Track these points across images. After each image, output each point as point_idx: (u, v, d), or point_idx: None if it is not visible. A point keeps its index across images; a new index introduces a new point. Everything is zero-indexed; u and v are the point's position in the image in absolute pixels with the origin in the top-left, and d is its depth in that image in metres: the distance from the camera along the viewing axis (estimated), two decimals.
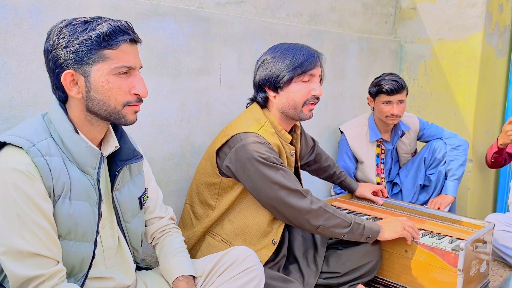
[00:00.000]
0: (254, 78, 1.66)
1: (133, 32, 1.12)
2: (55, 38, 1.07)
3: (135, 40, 1.12)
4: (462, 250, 1.59)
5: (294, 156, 1.70)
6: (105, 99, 1.09)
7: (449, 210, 2.36)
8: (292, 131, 1.75)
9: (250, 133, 1.54)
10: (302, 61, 1.56)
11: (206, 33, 1.92)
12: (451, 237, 1.76)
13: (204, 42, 1.92)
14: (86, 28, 1.06)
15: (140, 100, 1.14)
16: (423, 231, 1.81)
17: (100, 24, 1.07)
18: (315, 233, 1.59)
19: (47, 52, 1.09)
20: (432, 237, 1.75)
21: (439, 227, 1.89)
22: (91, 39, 1.05)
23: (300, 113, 1.61)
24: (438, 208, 2.27)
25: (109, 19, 1.10)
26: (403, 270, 1.76)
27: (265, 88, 1.62)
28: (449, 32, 2.90)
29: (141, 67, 1.16)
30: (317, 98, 1.62)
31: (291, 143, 1.72)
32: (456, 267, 1.61)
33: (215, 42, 1.97)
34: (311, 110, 1.63)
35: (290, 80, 1.57)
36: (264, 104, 1.66)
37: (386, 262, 1.80)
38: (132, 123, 1.16)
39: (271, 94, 1.62)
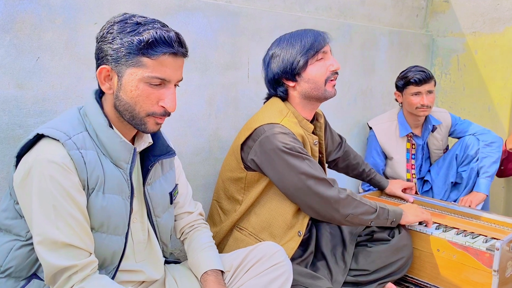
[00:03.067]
0: (267, 75, 1.64)
1: (180, 45, 1.09)
2: (105, 30, 1.08)
3: (180, 53, 1.10)
4: (498, 250, 1.54)
5: (317, 145, 1.68)
6: (131, 103, 1.09)
7: (482, 209, 2.29)
8: (314, 120, 1.73)
9: (273, 124, 1.54)
10: (312, 42, 1.55)
11: (234, 28, 1.92)
12: (485, 236, 1.71)
13: (232, 37, 1.91)
14: (134, 30, 1.06)
15: (165, 113, 1.12)
16: (456, 230, 1.76)
17: (147, 30, 1.05)
18: (344, 223, 1.58)
19: (96, 40, 1.11)
20: (465, 236, 1.70)
21: (472, 225, 1.83)
22: (132, 43, 1.05)
23: (325, 92, 1.59)
24: (469, 206, 2.20)
25: (162, 26, 1.08)
26: (434, 269, 1.72)
27: (282, 80, 1.61)
28: (484, 25, 2.81)
29: (180, 80, 1.14)
30: (337, 73, 1.61)
31: (314, 132, 1.70)
32: (491, 267, 1.56)
33: (243, 36, 1.96)
34: (334, 85, 1.62)
35: (305, 64, 1.56)
36: (284, 97, 1.64)
37: (417, 261, 1.76)
38: (151, 133, 1.16)
39: (290, 84, 1.60)
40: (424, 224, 1.78)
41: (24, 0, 1.33)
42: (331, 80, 1.59)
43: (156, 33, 1.05)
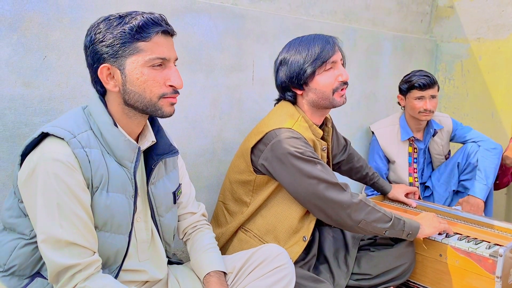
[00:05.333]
0: (276, 80, 1.64)
1: (167, 24, 1.12)
2: (92, 34, 1.09)
3: (169, 32, 1.13)
4: (501, 256, 1.53)
5: (325, 151, 1.68)
6: (141, 91, 1.10)
7: (485, 215, 2.28)
8: (323, 125, 1.73)
9: (284, 129, 1.53)
10: (319, 51, 1.53)
11: (240, 30, 1.92)
12: (489, 242, 1.70)
13: (237, 39, 1.92)
14: (120, 22, 1.08)
15: (176, 91, 1.14)
16: (459, 235, 1.76)
17: (133, 17, 1.08)
18: (357, 230, 1.55)
19: (86, 48, 1.12)
20: (468, 241, 1.70)
21: (475, 231, 1.83)
22: (124, 32, 1.06)
23: (333, 101, 1.58)
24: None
25: (143, 12, 1.11)
26: (436, 275, 1.71)
27: (290, 87, 1.61)
28: (488, 31, 2.81)
29: (177, 59, 1.16)
30: (346, 83, 1.59)
31: (322, 138, 1.70)
32: (493, 273, 1.55)
33: (248, 39, 1.96)
34: (343, 95, 1.60)
35: (313, 74, 1.54)
36: (294, 101, 1.64)
37: (419, 266, 1.75)
38: (170, 115, 1.16)
39: (298, 92, 1.60)
40: (445, 234, 1.73)
41: None
42: (341, 90, 1.57)
43: (143, 16, 1.08)
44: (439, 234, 1.75)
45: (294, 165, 1.48)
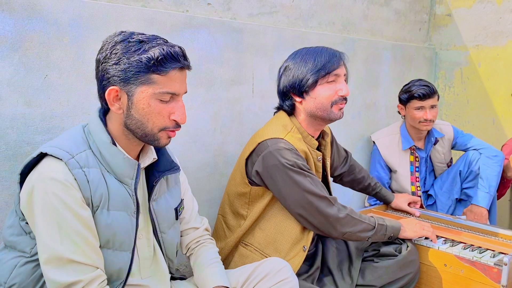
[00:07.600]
0: (278, 86, 1.65)
1: (185, 59, 1.12)
2: (108, 51, 1.09)
3: (186, 66, 1.13)
4: (506, 265, 1.52)
5: (321, 162, 1.68)
6: (144, 120, 1.10)
7: (489, 222, 2.27)
8: (319, 138, 1.73)
9: (276, 139, 1.53)
10: (325, 62, 1.54)
11: (239, 44, 1.94)
12: (493, 251, 1.69)
13: (236, 53, 1.93)
14: (139, 49, 1.07)
15: (178, 126, 1.15)
16: (463, 244, 1.75)
17: (153, 47, 1.07)
18: (341, 239, 1.61)
19: (98, 62, 1.12)
20: (472, 250, 1.69)
21: (480, 240, 1.82)
22: (141, 62, 1.06)
23: (330, 113, 1.58)
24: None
25: (164, 42, 1.10)
26: (441, 285, 1.70)
27: (290, 94, 1.61)
28: (487, 39, 2.82)
29: (186, 92, 1.16)
30: (345, 99, 1.60)
31: (318, 149, 1.70)
32: (499, 282, 1.54)
33: (247, 52, 1.98)
34: (341, 109, 1.60)
35: (315, 83, 1.55)
36: (291, 111, 1.64)
37: (424, 276, 1.74)
38: (163, 146, 1.17)
39: (297, 99, 1.60)
40: (430, 239, 1.75)
41: (33, 19, 1.36)
42: (340, 104, 1.58)
43: (163, 49, 1.07)
44: (425, 238, 1.77)
45: (285, 176, 1.49)
